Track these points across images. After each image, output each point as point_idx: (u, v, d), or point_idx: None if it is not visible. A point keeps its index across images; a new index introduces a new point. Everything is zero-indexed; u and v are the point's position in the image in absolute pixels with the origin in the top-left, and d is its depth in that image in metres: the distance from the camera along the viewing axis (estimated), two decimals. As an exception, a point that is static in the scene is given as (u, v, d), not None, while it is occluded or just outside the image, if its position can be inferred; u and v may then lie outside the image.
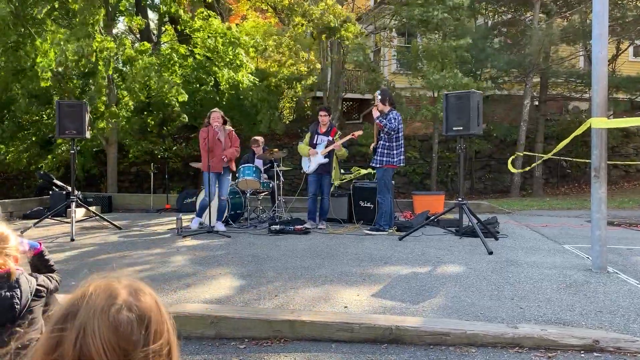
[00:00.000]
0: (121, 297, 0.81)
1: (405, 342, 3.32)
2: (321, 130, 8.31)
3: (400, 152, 7.56)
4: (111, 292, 0.81)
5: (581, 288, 4.34)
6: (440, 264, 5.34)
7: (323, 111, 8.50)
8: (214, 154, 7.79)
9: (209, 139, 7.69)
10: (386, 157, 7.49)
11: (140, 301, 0.82)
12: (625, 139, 17.13)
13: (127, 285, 0.84)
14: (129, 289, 0.83)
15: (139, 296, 0.83)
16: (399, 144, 7.57)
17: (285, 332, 3.45)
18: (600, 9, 4.96)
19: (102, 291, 0.81)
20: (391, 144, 7.50)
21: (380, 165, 7.54)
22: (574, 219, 9.40)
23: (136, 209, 11.92)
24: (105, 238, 7.30)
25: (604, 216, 4.95)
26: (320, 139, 8.25)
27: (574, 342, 3.17)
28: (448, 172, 16.68)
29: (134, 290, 0.83)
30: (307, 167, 8.26)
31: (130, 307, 0.80)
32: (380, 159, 7.52)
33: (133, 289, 0.84)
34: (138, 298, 0.82)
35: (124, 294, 0.82)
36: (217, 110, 8.07)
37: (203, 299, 4.13)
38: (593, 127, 4.92)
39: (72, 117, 7.51)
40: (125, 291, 0.82)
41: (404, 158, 7.71)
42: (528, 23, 16.56)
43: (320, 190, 8.24)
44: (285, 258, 5.68)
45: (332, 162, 8.25)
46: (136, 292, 0.83)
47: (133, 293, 0.83)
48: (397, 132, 7.50)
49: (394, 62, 18.80)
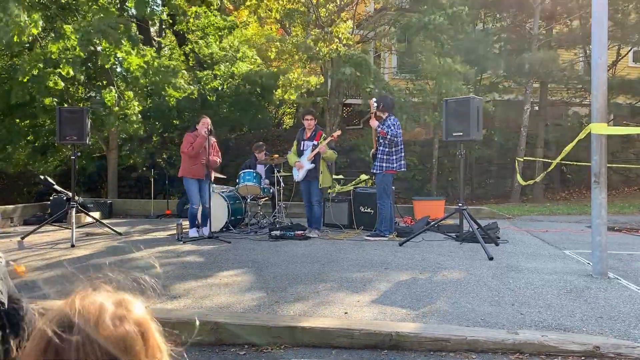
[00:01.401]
0: (112, 310, 0.79)
1: (405, 348, 3.31)
2: (306, 135, 8.14)
3: (400, 157, 7.57)
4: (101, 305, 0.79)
5: (582, 294, 4.33)
6: (441, 270, 5.33)
7: (308, 115, 8.28)
8: (198, 160, 7.71)
9: (195, 145, 7.64)
10: (386, 162, 7.50)
11: (132, 312, 0.81)
12: (626, 144, 17.12)
13: (112, 297, 0.83)
14: (117, 302, 0.82)
15: (129, 307, 0.82)
16: (399, 149, 7.56)
17: (285, 338, 3.45)
18: (600, 15, 4.98)
19: (91, 305, 0.79)
20: (390, 149, 7.50)
21: (380, 171, 7.54)
22: (574, 225, 9.39)
23: (136, 214, 11.92)
24: (106, 244, 7.30)
25: (604, 221, 4.94)
26: (305, 144, 8.08)
27: (575, 348, 3.16)
28: (448, 178, 16.67)
29: (121, 302, 0.82)
30: (296, 175, 8.12)
31: (124, 320, 0.79)
32: (380, 165, 7.52)
33: (121, 301, 0.83)
34: (129, 309, 0.81)
35: (114, 306, 0.80)
36: (206, 116, 8.00)
37: (203, 305, 4.12)
38: (593, 133, 4.92)
39: (72, 123, 7.52)
40: (114, 303, 0.81)
41: (404, 163, 7.71)
42: (528, 29, 16.61)
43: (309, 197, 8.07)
44: (285, 264, 5.68)
45: (319, 166, 7.96)
46: (125, 304, 0.82)
47: (122, 305, 0.82)
48: (397, 137, 7.50)
49: (394, 67, 18.85)
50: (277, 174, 8.68)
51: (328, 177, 8.12)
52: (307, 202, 8.18)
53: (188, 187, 7.81)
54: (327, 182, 8.17)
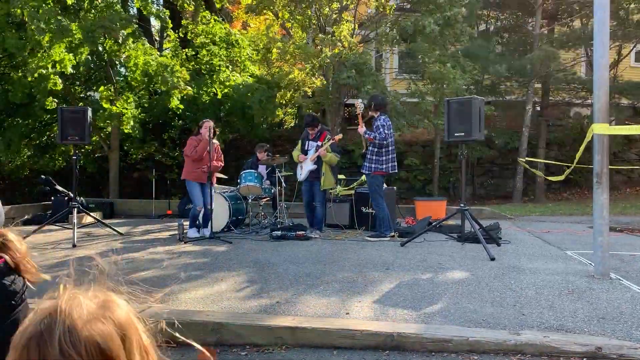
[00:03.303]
0: (94, 310, 0.80)
1: (406, 349, 3.31)
2: (312, 135, 8.16)
3: (390, 158, 7.45)
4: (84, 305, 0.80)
5: (584, 294, 4.32)
6: (442, 270, 5.32)
7: (308, 127, 8.27)
8: (202, 164, 7.73)
9: (199, 149, 7.66)
10: (375, 163, 7.42)
11: (114, 313, 0.81)
12: (628, 144, 17.10)
13: (96, 297, 0.83)
14: (99, 301, 0.83)
15: (113, 308, 0.82)
16: (389, 150, 7.43)
17: (286, 338, 3.44)
18: (601, 15, 4.97)
19: (74, 305, 0.80)
20: (380, 150, 7.40)
21: (369, 172, 7.50)
22: (576, 225, 9.38)
23: (138, 214, 11.93)
24: (107, 244, 7.30)
25: (606, 222, 4.93)
26: (310, 144, 8.09)
27: (577, 349, 3.15)
28: (450, 178, 16.66)
29: (105, 303, 0.83)
30: (299, 174, 8.14)
31: (105, 320, 0.79)
32: (369, 166, 7.46)
33: (104, 301, 0.83)
34: (112, 310, 0.82)
35: (96, 306, 0.81)
36: (209, 120, 8.02)
37: (204, 305, 4.12)
38: (595, 133, 4.91)
39: (74, 122, 7.53)
40: (96, 303, 0.82)
41: (395, 164, 7.58)
42: (530, 29, 16.60)
43: (312, 197, 8.07)
44: (286, 264, 5.67)
45: (322, 168, 7.96)
46: (109, 304, 0.83)
47: (105, 305, 0.82)
48: (387, 139, 7.36)
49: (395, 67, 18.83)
50: (279, 174, 8.68)
51: (330, 179, 8.10)
52: (306, 203, 8.17)
53: (191, 190, 7.82)
54: (329, 184, 8.15)
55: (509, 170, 16.64)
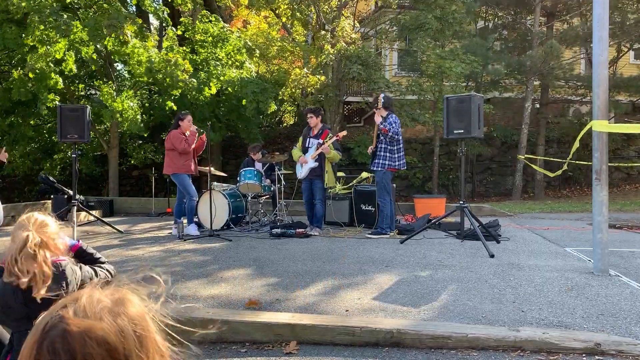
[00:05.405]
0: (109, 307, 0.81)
1: (406, 346, 3.31)
2: (313, 133, 8.10)
3: (401, 155, 7.56)
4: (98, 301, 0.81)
5: (583, 291, 4.33)
6: (442, 267, 5.33)
7: (309, 113, 8.24)
8: (189, 155, 7.88)
9: (190, 141, 7.79)
10: (388, 160, 7.48)
11: (128, 310, 0.82)
12: (627, 141, 17.11)
13: (112, 294, 0.84)
14: (114, 299, 0.83)
15: (127, 305, 0.83)
16: (400, 147, 7.56)
17: (286, 335, 3.45)
18: (601, 12, 4.96)
19: (89, 302, 0.81)
20: (392, 147, 7.49)
21: (381, 169, 7.52)
22: (575, 222, 9.39)
23: (137, 212, 11.93)
24: (107, 242, 7.31)
25: (605, 219, 4.94)
26: (311, 142, 8.03)
27: (576, 345, 3.16)
28: (449, 175, 16.67)
29: (119, 300, 0.84)
30: (299, 172, 8.09)
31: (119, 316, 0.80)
32: (383, 162, 7.50)
33: (118, 298, 0.84)
34: (126, 307, 0.83)
35: (111, 303, 0.82)
36: (189, 112, 8.27)
37: (204, 302, 4.13)
38: (594, 130, 4.91)
39: (73, 121, 7.53)
40: (111, 301, 0.83)
41: (404, 162, 7.70)
42: (529, 26, 16.59)
43: (312, 195, 8.05)
44: (286, 262, 5.68)
45: (324, 166, 7.93)
46: (123, 302, 0.83)
47: (120, 302, 0.83)
48: (397, 134, 7.50)
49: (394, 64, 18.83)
50: (278, 172, 8.68)
51: (332, 177, 8.13)
52: (306, 201, 8.17)
53: (184, 182, 7.85)
54: (332, 182, 8.20)
55: (509, 167, 16.65)
